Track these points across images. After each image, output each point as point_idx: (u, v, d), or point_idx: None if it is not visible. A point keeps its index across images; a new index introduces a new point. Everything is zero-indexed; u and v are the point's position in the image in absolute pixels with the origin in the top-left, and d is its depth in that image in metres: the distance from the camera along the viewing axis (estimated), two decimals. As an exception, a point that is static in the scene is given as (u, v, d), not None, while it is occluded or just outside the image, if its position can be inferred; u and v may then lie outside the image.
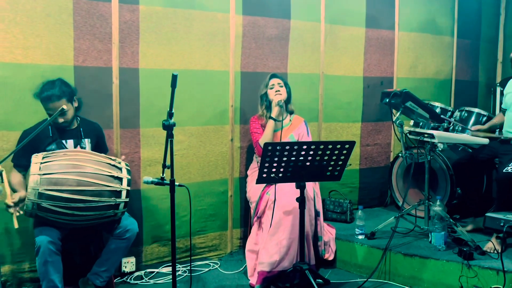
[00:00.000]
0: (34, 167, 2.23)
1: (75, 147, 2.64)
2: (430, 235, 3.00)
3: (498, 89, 4.21)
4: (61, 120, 2.54)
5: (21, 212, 2.32)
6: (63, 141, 2.61)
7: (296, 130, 3.22)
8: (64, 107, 2.47)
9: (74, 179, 2.24)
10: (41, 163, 2.25)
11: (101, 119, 2.90)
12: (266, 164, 2.41)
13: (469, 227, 3.24)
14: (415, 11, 4.12)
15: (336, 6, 3.76)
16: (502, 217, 2.36)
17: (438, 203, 2.95)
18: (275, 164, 2.42)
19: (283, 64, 3.57)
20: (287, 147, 2.36)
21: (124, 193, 2.36)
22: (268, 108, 3.18)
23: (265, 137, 3.07)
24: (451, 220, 2.98)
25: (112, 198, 2.32)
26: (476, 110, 3.53)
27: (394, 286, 2.89)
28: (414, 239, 3.11)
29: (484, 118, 3.48)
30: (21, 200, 2.34)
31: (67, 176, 2.24)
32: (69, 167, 2.27)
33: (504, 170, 2.79)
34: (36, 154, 2.33)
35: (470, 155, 3.29)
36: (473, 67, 4.56)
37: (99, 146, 2.77)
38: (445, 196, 3.43)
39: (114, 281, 2.84)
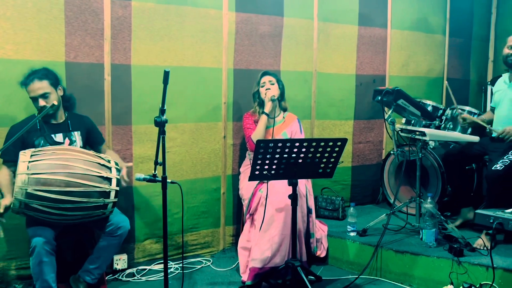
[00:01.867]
0: (21, 166, 2.20)
1: (63, 140, 2.61)
2: (421, 232, 3.02)
3: (489, 88, 4.25)
4: (42, 103, 2.46)
5: (4, 221, 2.30)
6: (52, 135, 2.59)
7: (289, 128, 3.23)
8: (48, 90, 2.47)
9: (63, 180, 2.22)
10: (29, 161, 2.22)
11: (93, 116, 2.87)
12: (259, 161, 2.41)
13: (458, 222, 3.27)
14: (408, 10, 4.14)
15: (329, 3, 3.76)
16: (491, 214, 2.38)
17: (429, 200, 2.97)
18: (267, 161, 2.42)
19: (276, 61, 3.57)
20: (280, 144, 2.36)
21: (113, 194, 2.34)
22: (261, 105, 3.18)
23: (257, 132, 3.08)
24: (442, 217, 3.01)
25: (101, 199, 2.31)
26: (467, 108, 3.56)
27: (386, 282, 2.91)
28: (405, 236, 3.14)
29: (475, 116, 3.51)
30: (7, 208, 2.29)
31: (56, 177, 2.21)
32: (57, 167, 2.24)
33: (493, 168, 2.81)
34: (24, 151, 2.29)
35: (460, 149, 3.30)
36: (464, 65, 4.59)
37: (92, 138, 2.75)
38: (436, 194, 3.46)
39: (106, 278, 2.83)
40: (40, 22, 2.72)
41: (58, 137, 2.61)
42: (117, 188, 2.36)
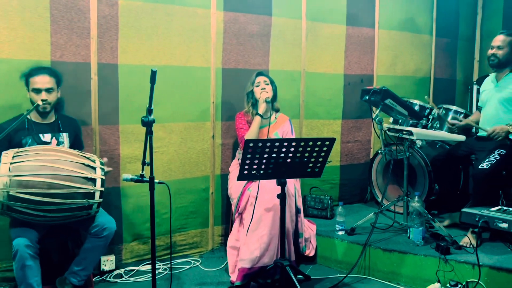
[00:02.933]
0: (3, 168, 2.16)
1: (51, 139, 2.59)
2: (408, 231, 3.05)
3: (475, 87, 4.30)
4: (44, 97, 2.49)
5: None
6: (40, 135, 2.56)
7: (281, 128, 3.23)
8: (53, 86, 2.54)
9: (46, 182, 2.18)
10: (11, 163, 2.18)
11: (80, 116, 2.85)
12: (247, 161, 2.40)
13: (446, 222, 3.30)
14: (395, 10, 4.16)
15: (317, 3, 3.77)
16: (477, 213, 2.41)
17: (416, 199, 3.00)
18: (256, 161, 2.41)
19: (265, 61, 3.57)
20: (268, 144, 2.36)
21: (97, 195, 2.31)
22: (254, 105, 3.17)
23: (251, 133, 3.07)
24: (429, 215, 3.03)
25: (85, 200, 2.28)
26: (453, 107, 3.59)
27: (374, 281, 2.92)
28: (393, 234, 3.16)
29: (462, 116, 3.55)
30: None
31: (38, 179, 2.18)
32: (40, 169, 2.21)
33: (479, 166, 2.85)
34: (6, 152, 2.25)
35: (447, 151, 3.35)
36: (451, 65, 4.64)
37: (77, 142, 2.73)
38: (424, 192, 3.49)
39: (93, 279, 2.80)
40: (25, 20, 2.68)
41: (46, 137, 2.58)
42: (102, 189, 2.33)
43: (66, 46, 2.80)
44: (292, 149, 2.42)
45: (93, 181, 2.31)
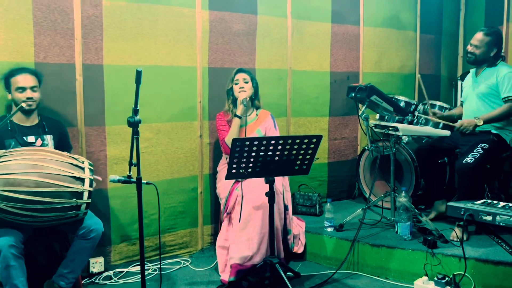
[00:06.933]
0: None
1: (35, 141, 2.57)
2: (396, 226, 3.08)
3: (459, 83, 4.35)
4: (29, 94, 2.50)
5: None
6: (24, 137, 2.54)
7: (263, 124, 3.23)
8: (37, 85, 2.56)
9: (33, 180, 2.16)
10: None
11: (65, 117, 2.83)
12: (235, 160, 2.41)
13: (432, 215, 3.34)
14: (380, 7, 4.19)
15: (302, 1, 3.78)
16: (462, 206, 2.44)
17: (403, 194, 3.03)
18: (244, 160, 2.42)
19: (251, 59, 3.57)
20: (256, 142, 2.36)
21: (86, 194, 2.29)
22: (234, 103, 3.17)
23: (231, 135, 3.06)
24: (416, 210, 3.07)
25: (73, 200, 2.26)
26: (438, 103, 3.63)
27: (363, 276, 2.95)
28: (381, 230, 3.19)
29: (447, 111, 3.59)
30: None
31: (26, 177, 2.15)
32: (28, 167, 2.19)
33: (464, 161, 2.88)
34: None
35: (431, 143, 3.37)
36: (435, 61, 4.69)
37: (63, 144, 2.71)
38: (410, 187, 3.53)
39: (82, 282, 2.78)
40: (7, 22, 2.64)
41: (30, 138, 2.56)
42: (90, 189, 2.31)
43: (50, 47, 2.78)
44: (279, 147, 2.43)
45: (81, 180, 2.30)
